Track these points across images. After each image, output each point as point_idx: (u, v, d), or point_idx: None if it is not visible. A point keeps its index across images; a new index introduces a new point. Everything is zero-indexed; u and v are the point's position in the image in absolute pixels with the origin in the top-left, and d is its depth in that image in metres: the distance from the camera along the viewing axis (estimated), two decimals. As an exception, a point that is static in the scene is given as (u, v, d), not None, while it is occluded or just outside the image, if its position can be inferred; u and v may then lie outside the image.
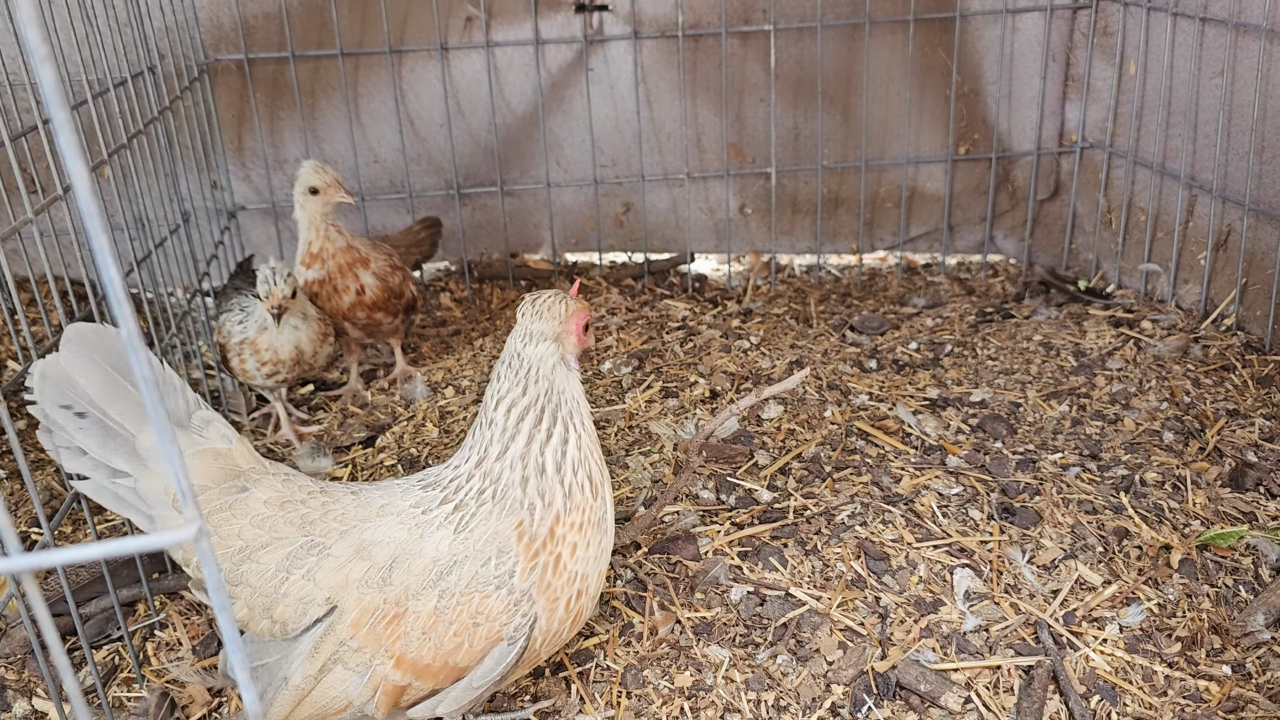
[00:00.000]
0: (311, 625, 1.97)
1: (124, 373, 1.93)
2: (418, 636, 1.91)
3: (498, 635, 1.93)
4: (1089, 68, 4.17)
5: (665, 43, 4.27)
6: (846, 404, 3.28)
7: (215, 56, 4.12)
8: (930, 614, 2.44)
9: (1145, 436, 3.05)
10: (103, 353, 1.93)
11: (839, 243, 4.71)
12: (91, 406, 1.92)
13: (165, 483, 1.96)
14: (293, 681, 1.96)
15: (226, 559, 1.99)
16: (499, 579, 1.92)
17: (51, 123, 0.94)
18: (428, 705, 2.01)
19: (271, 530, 2.00)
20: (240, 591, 1.99)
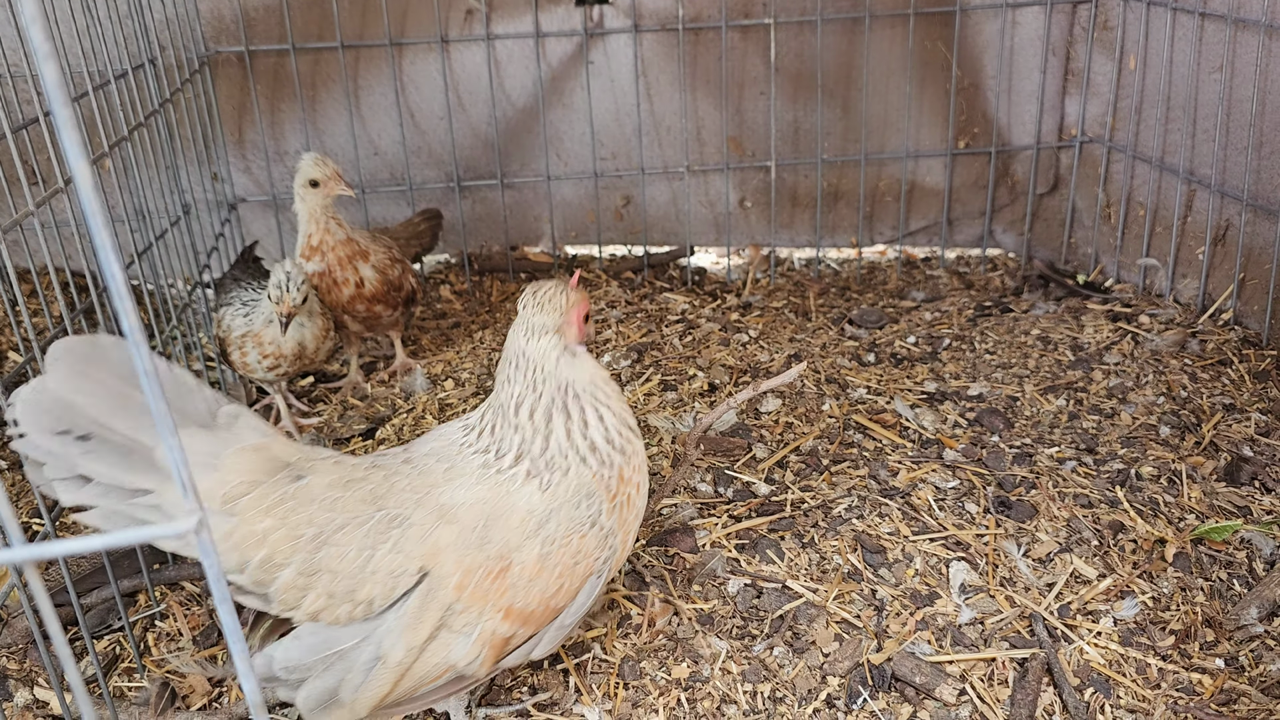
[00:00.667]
0: (399, 599, 1.94)
1: (130, 381, 1.79)
2: (524, 585, 1.96)
3: (590, 570, 2.04)
4: (1089, 62, 4.18)
5: (665, 36, 4.28)
6: (844, 397, 3.29)
7: (216, 48, 4.12)
8: (926, 607, 2.45)
9: (1141, 431, 3.06)
10: (100, 365, 1.78)
11: (838, 236, 4.72)
12: (96, 426, 1.77)
13: (201, 486, 1.87)
14: (393, 658, 1.92)
15: (301, 548, 1.91)
16: (590, 518, 2.03)
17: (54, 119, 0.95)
18: (522, 651, 2.05)
19: (344, 510, 1.95)
20: (319, 580, 1.91)
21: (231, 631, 1.06)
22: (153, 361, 1.81)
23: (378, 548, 1.92)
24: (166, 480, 1.83)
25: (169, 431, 0.98)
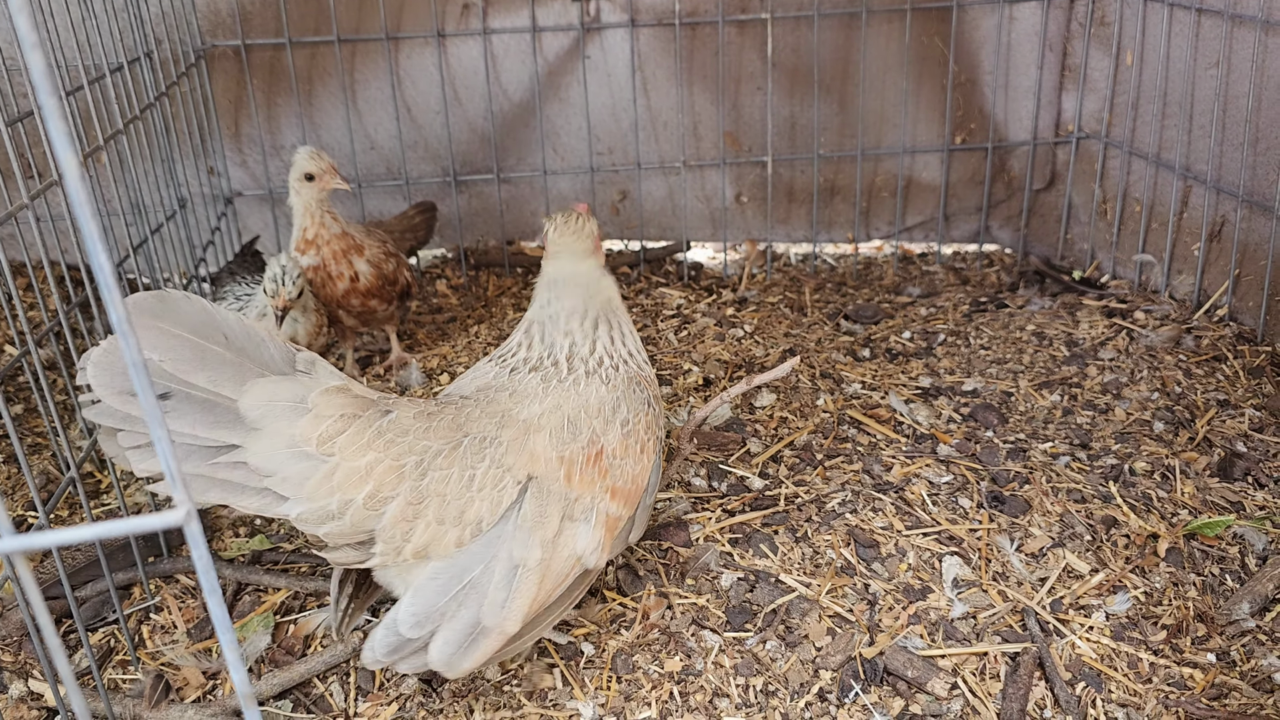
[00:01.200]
0: (505, 512, 2.01)
1: (206, 335, 1.80)
2: (618, 465, 2.17)
3: (655, 447, 2.30)
4: (1085, 58, 4.18)
5: (662, 31, 4.28)
6: (839, 392, 3.30)
7: (212, 42, 4.12)
8: (918, 601, 2.46)
9: (1135, 426, 3.06)
10: (174, 320, 1.77)
11: (835, 232, 4.72)
12: (175, 382, 1.77)
13: (290, 433, 1.85)
14: (533, 558, 1.99)
15: (407, 477, 1.94)
16: (646, 400, 2.30)
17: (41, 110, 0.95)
18: (623, 536, 2.23)
19: (438, 437, 2.01)
20: (428, 507, 1.95)
21: (221, 622, 1.06)
22: (213, 314, 1.80)
23: (477, 466, 2.01)
24: (253, 432, 1.83)
25: (157, 422, 0.98)
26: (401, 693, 2.34)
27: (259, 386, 1.83)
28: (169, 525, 0.98)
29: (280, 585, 2.68)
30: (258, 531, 2.93)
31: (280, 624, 2.58)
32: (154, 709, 2.33)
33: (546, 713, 2.25)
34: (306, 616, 2.57)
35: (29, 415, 3.49)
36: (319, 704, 2.35)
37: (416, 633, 1.94)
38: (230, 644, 1.08)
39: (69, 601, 2.24)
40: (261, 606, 2.64)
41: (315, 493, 1.89)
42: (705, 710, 2.22)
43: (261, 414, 1.83)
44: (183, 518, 1.00)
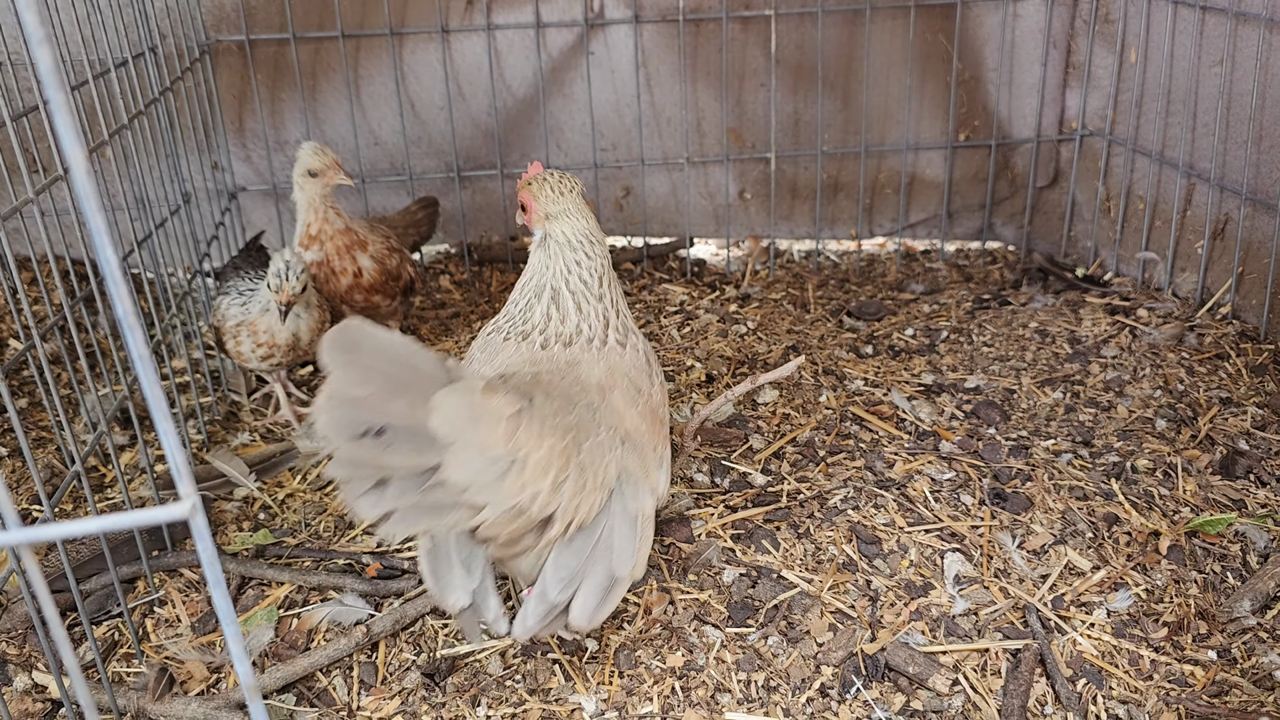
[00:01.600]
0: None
1: (387, 359, 1.76)
2: (661, 417, 2.37)
3: (663, 395, 2.45)
4: (1090, 55, 4.18)
5: (666, 27, 4.28)
6: (842, 389, 3.30)
7: (216, 37, 4.12)
8: (920, 597, 2.46)
9: (1138, 424, 3.07)
10: (361, 350, 1.74)
11: (838, 228, 4.72)
12: (384, 415, 1.74)
13: (479, 440, 1.84)
14: (648, 506, 2.17)
15: (573, 455, 2.01)
16: (647, 357, 2.44)
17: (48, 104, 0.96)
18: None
19: (568, 412, 2.09)
20: (587, 477, 2.04)
21: (225, 615, 1.07)
22: (378, 334, 1.79)
23: (600, 433, 2.12)
24: (447, 449, 1.81)
25: (163, 415, 0.99)
26: (404, 686, 2.35)
27: (439, 401, 1.79)
28: (174, 519, 0.99)
29: (284, 580, 2.69)
30: (261, 526, 2.94)
31: (284, 618, 2.59)
32: (158, 701, 2.34)
33: (549, 707, 2.25)
34: (310, 611, 2.58)
35: (34, 409, 3.50)
36: (322, 697, 2.35)
37: (563, 596, 2.03)
38: (235, 636, 1.09)
39: (73, 595, 2.25)
40: (265, 601, 2.65)
41: (510, 492, 1.90)
42: (707, 705, 2.23)
43: (450, 428, 1.79)
44: (188, 511, 1.01)
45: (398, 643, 2.48)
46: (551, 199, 2.39)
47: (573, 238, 2.37)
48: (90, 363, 3.75)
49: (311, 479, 3.13)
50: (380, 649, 2.46)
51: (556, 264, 2.38)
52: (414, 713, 2.28)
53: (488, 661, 2.39)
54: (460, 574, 2.10)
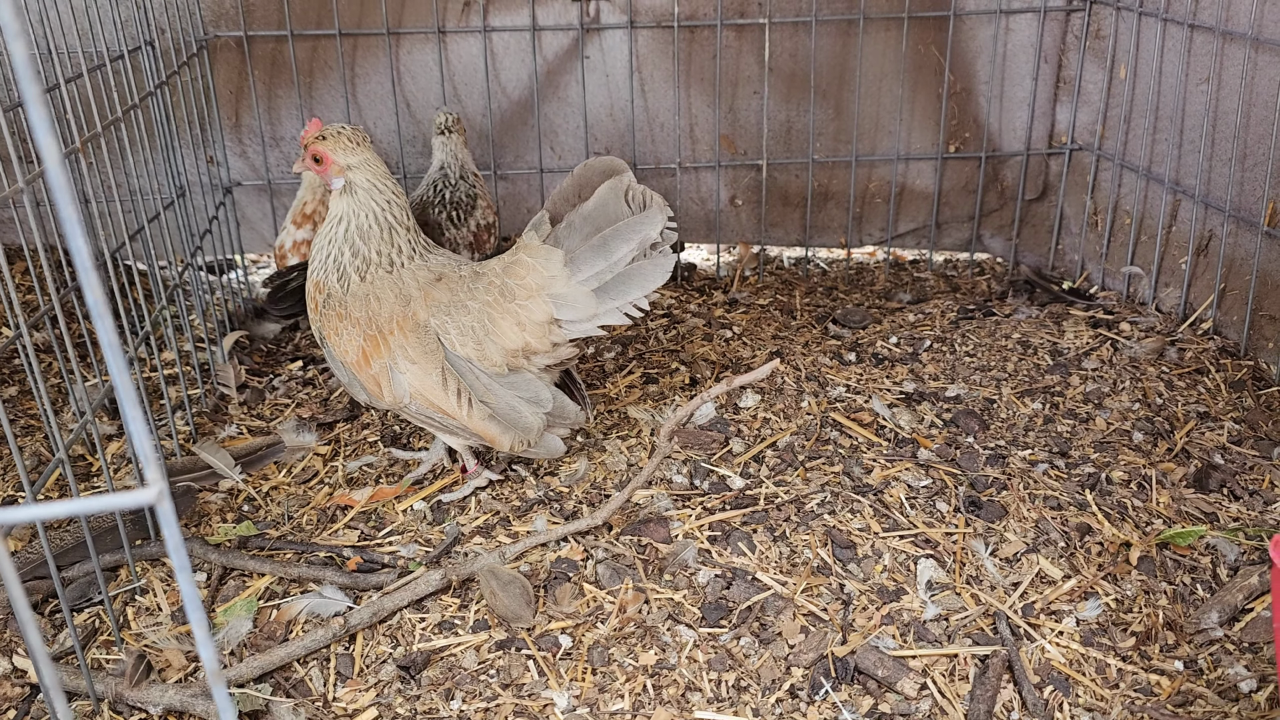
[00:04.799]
0: None
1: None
2: None
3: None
4: (1080, 70, 4.21)
5: (661, 33, 4.31)
6: (823, 395, 3.33)
7: (215, 33, 4.16)
8: (892, 602, 2.49)
9: (1115, 436, 3.10)
10: None
11: (828, 236, 4.76)
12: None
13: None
14: None
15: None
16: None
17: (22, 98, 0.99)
18: None
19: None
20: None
21: (190, 600, 1.09)
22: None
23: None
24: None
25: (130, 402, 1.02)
26: (380, 679, 2.38)
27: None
28: (140, 504, 1.01)
29: (265, 571, 2.72)
30: (245, 518, 2.97)
31: (263, 609, 2.61)
32: (135, 688, 2.36)
33: (522, 702, 2.28)
34: (289, 602, 2.61)
35: (23, 397, 3.53)
36: (298, 688, 2.38)
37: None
38: (199, 622, 1.11)
39: (55, 582, 2.28)
40: (245, 591, 2.68)
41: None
42: (677, 703, 2.26)
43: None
44: (154, 497, 1.04)
45: (375, 635, 2.50)
46: (349, 149, 2.75)
47: (377, 182, 2.76)
48: (80, 353, 3.78)
49: (296, 473, 3.16)
50: (358, 641, 2.49)
51: (369, 205, 2.75)
52: (389, 705, 2.31)
53: (463, 656, 2.41)
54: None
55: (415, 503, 2.96)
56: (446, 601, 2.58)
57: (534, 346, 2.72)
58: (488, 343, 2.71)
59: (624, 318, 2.71)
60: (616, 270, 2.64)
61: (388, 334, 2.74)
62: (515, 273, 2.69)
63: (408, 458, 3.16)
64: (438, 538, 2.82)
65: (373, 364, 2.77)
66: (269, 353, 3.96)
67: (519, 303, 2.68)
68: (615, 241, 2.61)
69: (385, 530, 2.87)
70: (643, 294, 2.67)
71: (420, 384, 2.74)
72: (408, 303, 2.75)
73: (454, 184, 3.74)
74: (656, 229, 2.62)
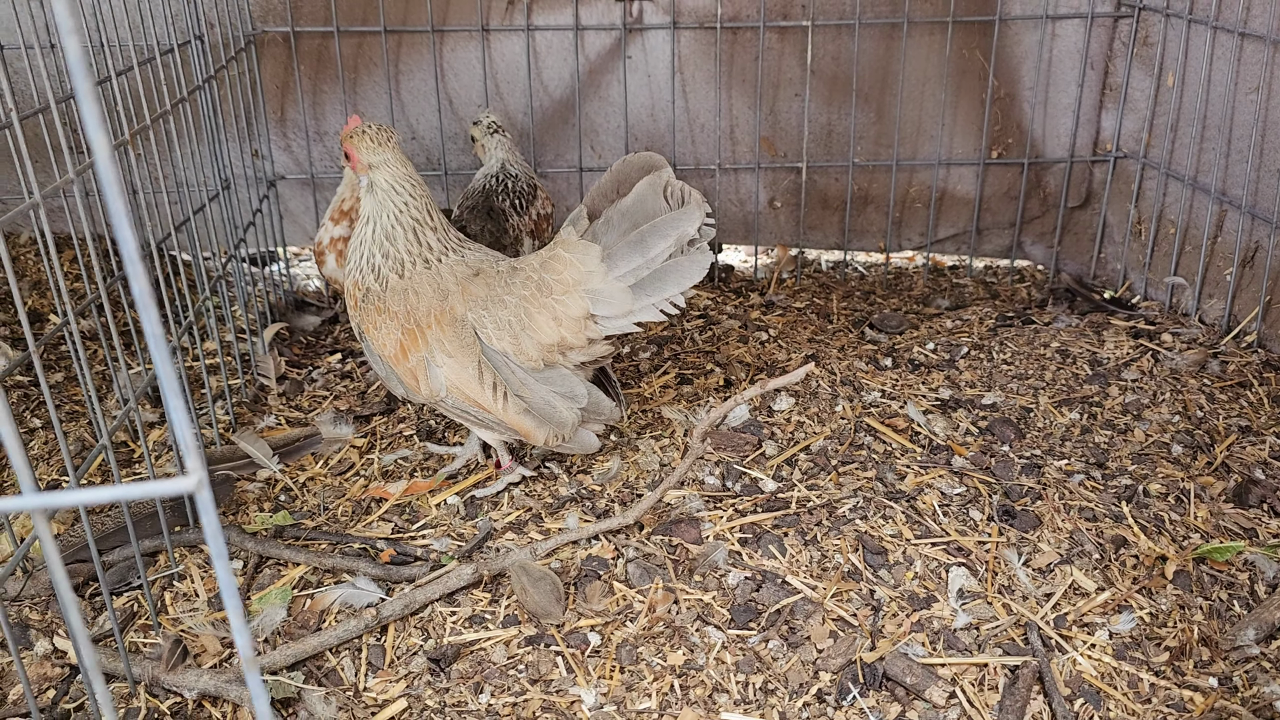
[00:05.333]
0: None
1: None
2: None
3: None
4: (1127, 77, 4.17)
5: (703, 34, 4.31)
6: (858, 400, 3.32)
7: (262, 27, 4.21)
8: (922, 609, 2.48)
9: (1153, 448, 3.06)
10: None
11: (866, 240, 4.74)
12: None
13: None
14: None
15: None
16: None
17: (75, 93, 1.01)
18: None
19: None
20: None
21: (227, 587, 1.11)
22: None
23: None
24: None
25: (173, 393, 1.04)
26: (410, 670, 2.40)
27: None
28: (179, 492, 1.03)
29: (300, 560, 2.76)
30: (281, 508, 3.01)
31: (297, 598, 2.65)
32: (171, 672, 2.40)
33: (549, 698, 2.30)
34: (323, 591, 2.64)
35: (68, 383, 3.60)
36: (330, 677, 2.41)
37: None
38: (235, 609, 1.13)
39: (95, 565, 2.32)
40: (281, 580, 2.71)
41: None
42: (704, 704, 2.26)
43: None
44: (194, 485, 1.06)
45: (406, 627, 2.53)
46: (372, 149, 2.75)
47: (395, 183, 2.77)
48: (125, 341, 3.85)
49: (333, 464, 3.20)
50: (389, 632, 2.52)
51: (388, 206, 2.77)
52: (418, 696, 2.33)
53: (492, 650, 2.43)
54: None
55: (449, 497, 2.98)
56: (477, 596, 2.60)
57: (570, 342, 2.73)
58: (524, 337, 2.73)
59: (660, 315, 2.71)
60: (653, 267, 2.64)
61: (425, 328, 2.76)
62: (552, 268, 2.70)
63: (442, 452, 3.18)
64: (470, 533, 2.84)
65: (410, 357, 2.80)
66: (308, 345, 4.01)
67: (555, 297, 2.70)
68: (653, 237, 2.62)
69: (419, 524, 2.89)
70: (679, 291, 2.68)
71: (457, 377, 2.76)
72: (445, 297, 2.77)
73: (515, 176, 3.78)
74: (694, 225, 2.62)
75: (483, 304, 2.76)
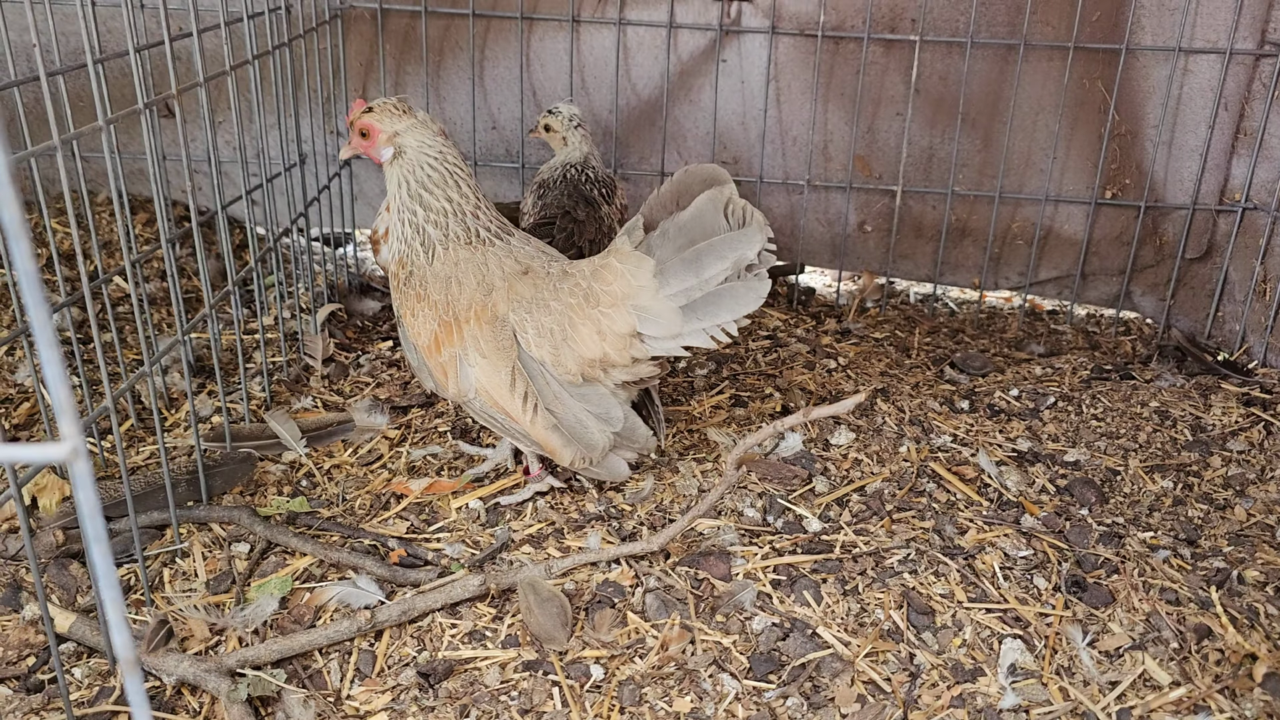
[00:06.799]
0: None
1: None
2: None
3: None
4: (1265, 122, 3.80)
5: (803, 41, 4.09)
6: (926, 442, 3.04)
7: (351, 3, 4.13)
8: (967, 682, 2.20)
9: (1255, 529, 2.72)
10: None
11: (960, 275, 4.43)
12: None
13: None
14: None
15: None
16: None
17: None
18: None
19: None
20: None
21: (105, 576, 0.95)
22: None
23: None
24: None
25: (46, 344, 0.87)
26: (399, 683, 2.23)
27: None
28: (51, 459, 0.88)
29: (307, 551, 2.61)
30: (300, 493, 2.88)
31: (297, 590, 2.50)
32: (151, 653, 2.27)
33: (537, 732, 2.09)
34: (322, 587, 2.48)
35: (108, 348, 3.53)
36: (314, 679, 2.25)
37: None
38: (113, 600, 0.96)
39: (82, 537, 2.20)
40: (284, 569, 2.57)
41: None
42: (705, 761, 2.03)
43: None
44: (66, 453, 0.90)
45: (403, 635, 2.36)
46: (395, 116, 2.65)
47: (426, 139, 2.64)
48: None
49: (362, 454, 3.05)
50: (384, 639, 2.35)
51: (422, 158, 2.64)
52: (401, 712, 2.16)
53: (487, 671, 2.24)
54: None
55: (471, 501, 2.80)
56: (481, 610, 2.41)
57: (612, 359, 2.53)
58: (564, 348, 2.54)
59: (710, 341, 2.50)
60: (706, 289, 2.43)
61: (464, 322, 2.60)
62: (603, 277, 2.51)
63: (473, 453, 3.01)
64: (487, 540, 2.66)
65: (443, 351, 2.63)
66: (362, 329, 3.90)
67: (602, 309, 2.50)
68: (709, 257, 2.40)
69: (435, 525, 2.72)
70: (732, 318, 2.46)
71: (488, 380, 2.59)
72: (489, 292, 2.61)
73: (596, 168, 3.62)
74: (754, 249, 2.40)
75: (527, 305, 2.58)
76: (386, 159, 2.68)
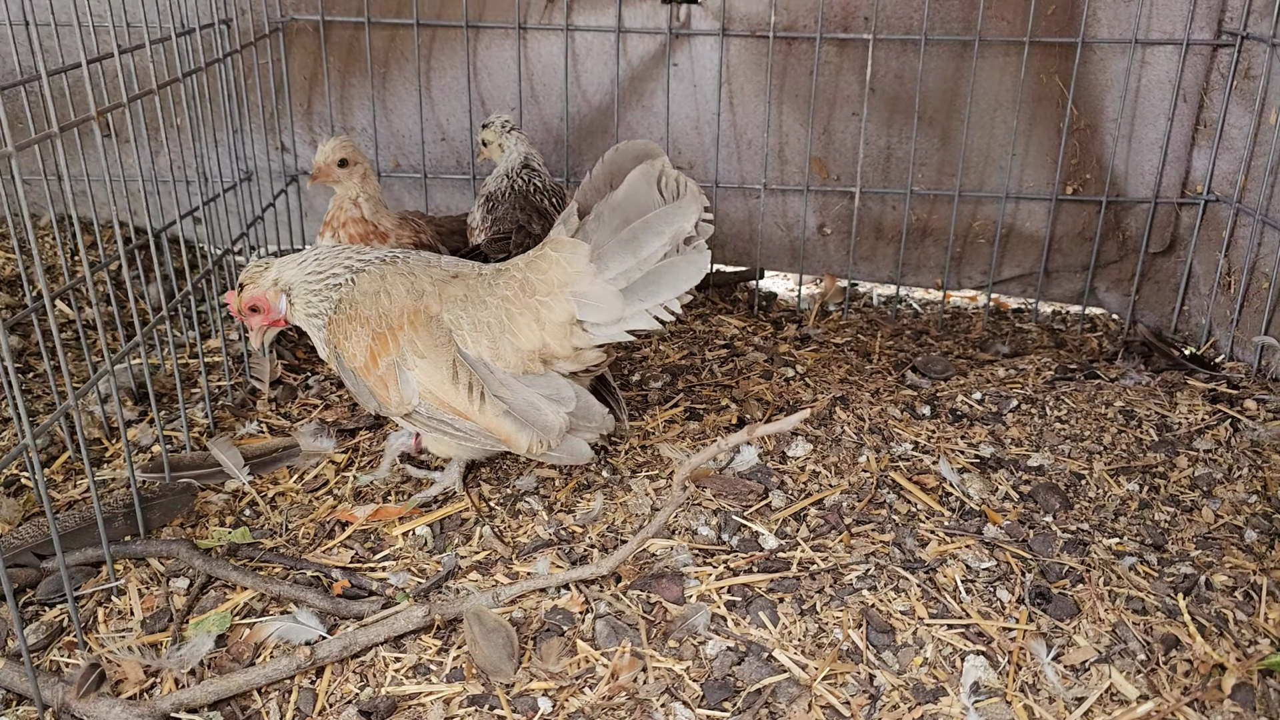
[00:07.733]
0: None
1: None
2: None
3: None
4: (1224, 113, 3.75)
5: (755, 43, 4.01)
6: (886, 451, 2.97)
7: (292, 15, 4.03)
8: (929, 703, 2.13)
9: (1223, 531, 2.66)
10: None
11: (923, 275, 4.37)
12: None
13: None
14: None
15: None
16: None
17: None
18: None
19: None
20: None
21: None
22: None
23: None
24: None
25: None
26: None
27: None
28: None
29: (248, 584, 2.51)
30: (243, 523, 2.78)
31: (237, 626, 2.40)
32: (82, 699, 2.17)
33: (482, 771, 2.01)
34: (263, 622, 2.38)
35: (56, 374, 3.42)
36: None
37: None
38: None
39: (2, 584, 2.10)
40: (224, 604, 2.47)
41: None
42: (656, 797, 1.95)
43: None
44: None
45: (345, 670, 2.26)
46: (261, 271, 2.70)
47: (302, 264, 2.69)
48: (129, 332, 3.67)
49: (307, 480, 2.96)
50: (325, 676, 2.25)
51: (308, 279, 2.68)
52: (342, 752, 2.06)
53: (430, 708, 2.15)
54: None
55: (418, 527, 2.71)
56: (426, 642, 2.32)
57: (554, 350, 2.46)
58: (503, 341, 2.46)
59: (653, 321, 2.43)
60: (646, 268, 2.37)
61: (397, 329, 2.53)
62: (538, 267, 2.44)
63: (421, 476, 2.92)
64: (433, 568, 2.56)
65: (380, 363, 2.55)
66: (312, 349, 3.79)
67: (539, 299, 2.43)
68: (646, 235, 2.34)
69: (381, 554, 2.63)
70: (674, 295, 2.40)
71: (429, 380, 2.51)
72: (420, 297, 2.55)
73: (539, 172, 3.54)
74: (690, 220, 2.34)
75: (460, 303, 2.51)
76: (285, 309, 2.71)
